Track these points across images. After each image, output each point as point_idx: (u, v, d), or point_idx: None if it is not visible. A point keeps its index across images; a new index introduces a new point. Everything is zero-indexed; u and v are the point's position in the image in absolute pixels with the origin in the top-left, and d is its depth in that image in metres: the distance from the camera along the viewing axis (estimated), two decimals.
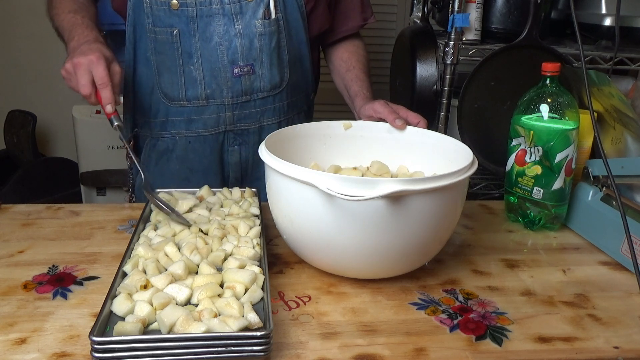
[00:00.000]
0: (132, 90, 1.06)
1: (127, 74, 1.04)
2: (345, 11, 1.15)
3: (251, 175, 1.12)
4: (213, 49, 1.00)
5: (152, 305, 0.61)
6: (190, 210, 0.88)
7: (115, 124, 0.88)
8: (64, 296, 0.70)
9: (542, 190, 0.91)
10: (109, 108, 0.87)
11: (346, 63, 1.15)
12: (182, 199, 0.90)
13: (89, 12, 1.01)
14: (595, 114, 0.95)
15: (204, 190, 0.94)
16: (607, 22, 1.30)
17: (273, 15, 1.01)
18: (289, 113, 1.11)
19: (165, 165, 1.10)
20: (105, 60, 0.87)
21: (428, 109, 1.30)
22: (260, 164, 1.09)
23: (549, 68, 0.89)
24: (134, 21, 1.00)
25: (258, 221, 0.84)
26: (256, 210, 0.88)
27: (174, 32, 0.98)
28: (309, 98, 1.17)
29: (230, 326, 0.58)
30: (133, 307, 0.61)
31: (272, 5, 1.00)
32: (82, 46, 0.89)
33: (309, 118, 1.19)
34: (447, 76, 1.26)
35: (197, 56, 1.00)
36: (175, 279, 0.67)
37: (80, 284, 0.73)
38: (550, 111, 0.88)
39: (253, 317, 0.60)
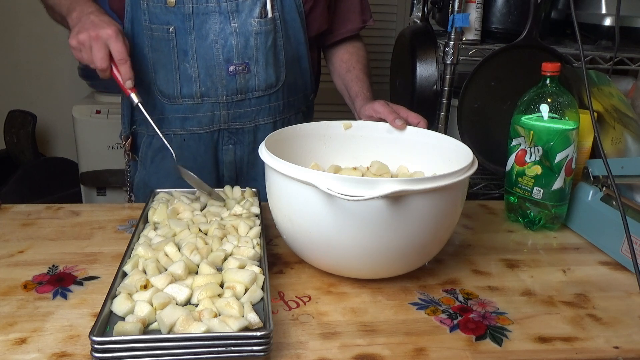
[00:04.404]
0: None
1: None
2: (344, 13, 1.15)
3: (247, 175, 1.12)
4: (208, 46, 1.00)
5: (152, 305, 0.61)
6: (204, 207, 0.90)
7: (136, 101, 0.89)
8: (64, 296, 0.70)
9: (542, 190, 0.91)
10: (129, 84, 0.88)
11: (346, 64, 1.15)
12: (182, 199, 0.90)
13: None
14: (595, 114, 0.95)
15: None
16: (607, 22, 1.30)
17: (269, 14, 1.00)
18: (285, 113, 1.10)
19: (161, 163, 1.10)
20: (123, 35, 0.86)
21: (428, 109, 1.30)
22: (256, 165, 1.10)
23: (549, 68, 0.89)
24: (132, 18, 1.00)
25: (258, 221, 0.84)
26: (256, 210, 0.88)
27: (170, 30, 0.98)
28: (307, 99, 1.17)
29: (230, 326, 0.57)
30: (133, 307, 0.61)
31: (268, 4, 1.00)
32: (90, 16, 0.88)
33: (308, 118, 1.18)
34: (447, 76, 1.26)
35: (192, 54, 1.00)
36: (175, 279, 0.67)
37: (80, 284, 0.73)
38: (550, 111, 0.88)
39: (253, 317, 0.60)
